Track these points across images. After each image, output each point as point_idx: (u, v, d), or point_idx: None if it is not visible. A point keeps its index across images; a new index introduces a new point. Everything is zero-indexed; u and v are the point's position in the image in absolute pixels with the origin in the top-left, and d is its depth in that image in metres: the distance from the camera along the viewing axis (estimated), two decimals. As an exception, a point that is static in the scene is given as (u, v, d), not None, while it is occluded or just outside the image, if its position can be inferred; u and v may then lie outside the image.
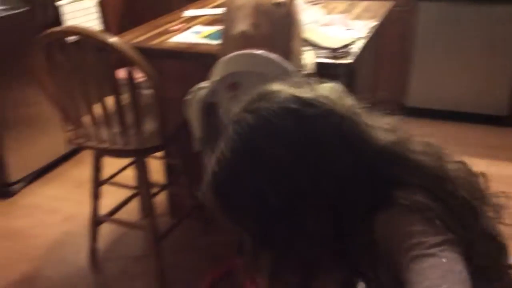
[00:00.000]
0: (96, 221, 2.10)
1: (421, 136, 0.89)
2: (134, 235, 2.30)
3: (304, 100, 0.80)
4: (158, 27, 2.27)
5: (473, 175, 0.88)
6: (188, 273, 2.08)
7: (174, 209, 2.42)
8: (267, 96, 0.82)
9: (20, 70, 2.53)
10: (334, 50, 1.66)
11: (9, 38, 2.50)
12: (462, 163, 0.88)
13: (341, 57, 1.64)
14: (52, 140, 2.80)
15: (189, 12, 2.44)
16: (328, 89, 0.85)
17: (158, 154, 2.17)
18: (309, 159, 0.79)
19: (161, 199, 2.36)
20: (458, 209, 0.80)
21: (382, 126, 0.85)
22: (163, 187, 2.38)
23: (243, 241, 0.89)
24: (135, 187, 2.26)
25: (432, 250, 0.73)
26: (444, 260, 0.72)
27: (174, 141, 2.02)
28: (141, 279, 2.06)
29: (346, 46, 1.69)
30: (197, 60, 2.03)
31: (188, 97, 1.58)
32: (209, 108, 1.53)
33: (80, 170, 2.86)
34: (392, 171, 0.81)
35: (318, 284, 0.97)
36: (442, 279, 0.70)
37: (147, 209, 2.01)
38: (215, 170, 0.82)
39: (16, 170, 2.64)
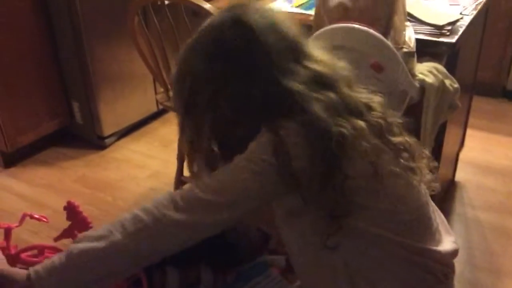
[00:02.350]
0: (181, 181, 2.18)
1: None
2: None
3: (241, 21, 0.94)
4: (251, -7, 2.24)
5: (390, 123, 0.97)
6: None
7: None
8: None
9: (117, 29, 2.61)
10: (439, 27, 1.54)
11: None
12: (382, 118, 0.96)
13: (445, 35, 1.53)
14: (144, 98, 2.91)
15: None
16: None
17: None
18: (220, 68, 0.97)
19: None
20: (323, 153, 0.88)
21: (296, 77, 0.93)
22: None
23: None
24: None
25: (247, 157, 0.92)
26: (241, 170, 0.91)
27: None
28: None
29: (452, 23, 1.57)
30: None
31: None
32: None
33: (168, 129, 2.96)
34: (284, 108, 0.92)
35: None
36: (225, 174, 0.94)
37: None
38: None
39: (109, 125, 2.78)
